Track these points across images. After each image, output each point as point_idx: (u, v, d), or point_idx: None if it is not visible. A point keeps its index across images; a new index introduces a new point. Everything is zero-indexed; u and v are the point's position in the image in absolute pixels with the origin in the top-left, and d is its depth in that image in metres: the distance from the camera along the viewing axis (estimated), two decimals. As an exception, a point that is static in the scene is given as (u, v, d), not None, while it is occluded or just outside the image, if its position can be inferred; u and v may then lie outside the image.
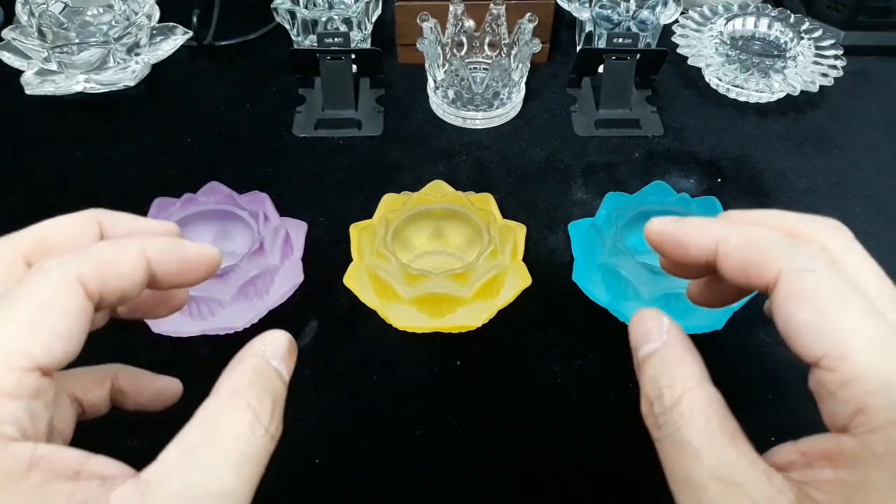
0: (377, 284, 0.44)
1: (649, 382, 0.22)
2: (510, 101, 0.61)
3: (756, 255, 0.22)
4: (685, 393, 0.21)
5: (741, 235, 0.23)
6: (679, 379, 0.22)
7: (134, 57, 0.63)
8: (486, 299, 0.44)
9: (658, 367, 0.22)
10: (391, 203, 0.48)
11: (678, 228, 0.24)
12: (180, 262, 0.23)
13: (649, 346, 0.23)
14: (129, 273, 0.22)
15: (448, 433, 0.41)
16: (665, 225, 0.25)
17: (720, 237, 0.23)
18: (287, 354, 0.23)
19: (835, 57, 0.63)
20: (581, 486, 0.40)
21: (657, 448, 0.22)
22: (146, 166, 0.57)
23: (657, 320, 0.24)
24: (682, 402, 0.21)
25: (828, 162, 0.59)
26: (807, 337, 0.20)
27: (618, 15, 0.65)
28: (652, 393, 0.22)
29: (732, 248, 0.23)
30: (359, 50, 0.61)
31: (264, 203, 0.48)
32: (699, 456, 0.20)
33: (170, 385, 0.28)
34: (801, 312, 0.21)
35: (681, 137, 0.61)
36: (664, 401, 0.21)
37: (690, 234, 0.24)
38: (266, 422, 0.21)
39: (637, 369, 0.24)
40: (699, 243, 0.24)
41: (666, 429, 0.21)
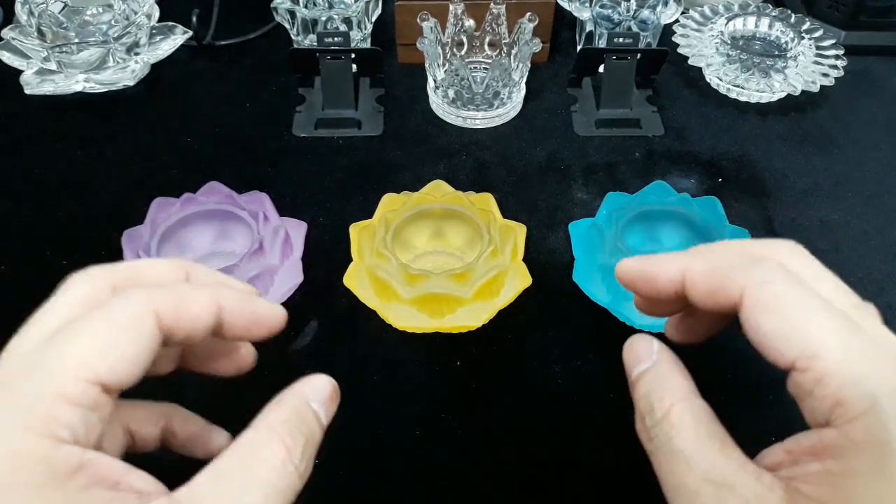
0: (377, 284, 0.44)
1: (642, 399, 0.24)
2: (510, 101, 0.61)
3: (720, 277, 0.23)
4: (674, 405, 0.23)
5: (704, 261, 0.24)
6: (668, 393, 0.23)
7: (133, 56, 0.63)
8: (486, 299, 0.44)
9: (649, 384, 0.24)
10: (391, 203, 0.48)
11: (646, 265, 0.26)
12: (249, 314, 0.24)
13: (641, 366, 0.25)
14: (199, 314, 0.23)
15: (448, 433, 0.41)
16: (633, 263, 0.27)
17: (685, 267, 0.25)
18: (328, 399, 0.24)
19: (835, 57, 0.63)
20: (581, 486, 0.40)
21: (651, 460, 0.23)
22: (146, 166, 0.57)
23: (647, 343, 0.25)
24: (672, 414, 0.23)
25: (828, 162, 0.59)
26: (777, 343, 0.22)
27: (618, 14, 0.65)
28: (644, 408, 0.24)
29: (697, 275, 0.24)
30: (359, 49, 0.61)
31: (264, 203, 0.48)
32: (690, 462, 0.22)
33: (218, 437, 0.28)
34: (768, 322, 0.22)
35: (681, 137, 0.61)
36: (655, 414, 0.23)
37: (658, 268, 0.26)
38: (297, 460, 0.22)
39: (631, 389, 0.25)
40: (667, 275, 0.25)
41: (658, 440, 0.23)
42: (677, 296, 0.25)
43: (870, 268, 0.50)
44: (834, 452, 0.20)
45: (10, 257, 0.50)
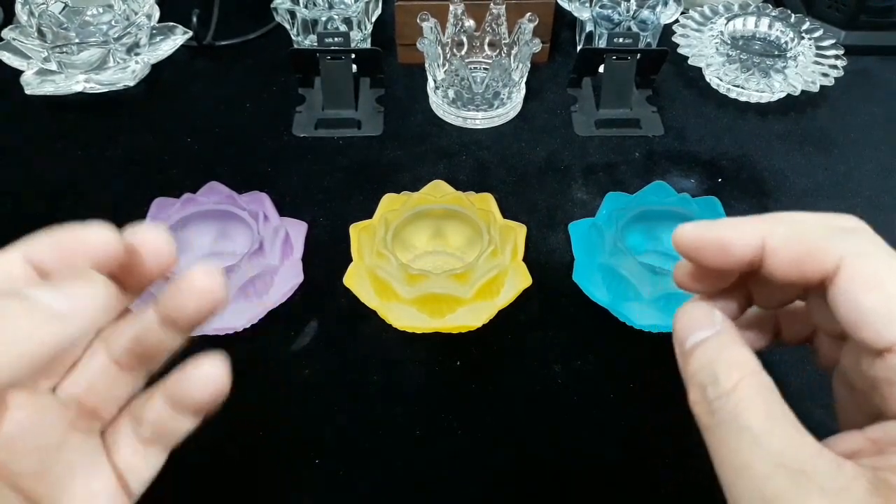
0: (377, 284, 0.44)
1: (703, 368, 0.21)
2: (510, 101, 0.61)
3: (810, 244, 0.21)
4: (744, 378, 0.20)
5: (788, 227, 0.22)
6: (737, 364, 0.21)
7: (134, 57, 0.63)
8: (486, 299, 0.44)
9: (713, 351, 0.21)
10: (391, 203, 0.48)
11: (716, 229, 0.22)
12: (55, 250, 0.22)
13: (701, 334, 0.22)
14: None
15: (448, 433, 0.41)
16: (699, 228, 0.23)
17: (765, 232, 0.22)
18: None
19: (835, 57, 0.63)
20: (581, 486, 0.40)
21: (707, 437, 0.21)
22: (146, 166, 0.57)
23: (708, 311, 0.23)
24: (741, 387, 0.20)
25: (828, 162, 0.59)
26: (879, 322, 0.19)
27: (618, 15, 0.65)
28: (706, 378, 0.21)
29: (782, 240, 0.21)
30: (359, 50, 0.61)
31: (264, 203, 0.48)
32: (762, 443, 0.19)
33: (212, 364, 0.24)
34: (870, 298, 0.20)
35: (681, 137, 0.61)
36: (720, 384, 0.20)
37: (731, 233, 0.22)
38: None
39: (682, 359, 0.22)
40: (743, 241, 0.22)
41: (721, 414, 0.20)
42: (750, 265, 0.22)
43: (870, 268, 0.50)
44: None
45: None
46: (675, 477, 0.40)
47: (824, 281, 0.21)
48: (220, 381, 0.23)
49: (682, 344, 0.23)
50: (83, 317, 0.19)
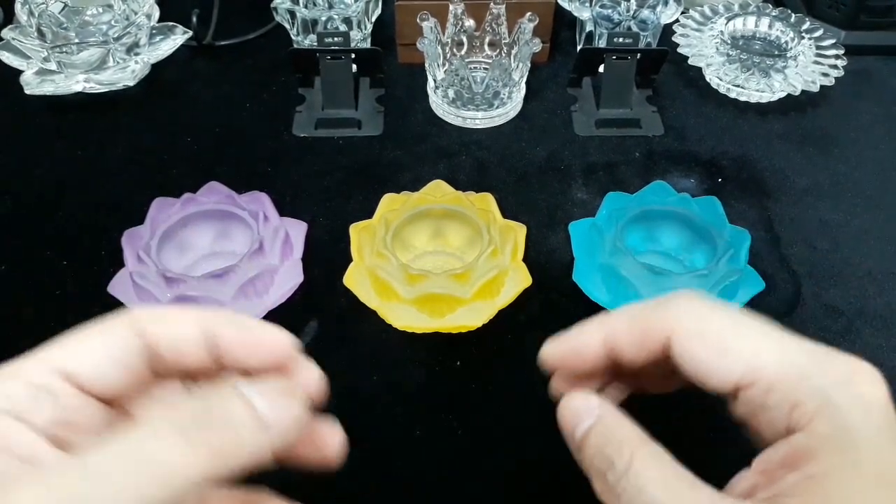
0: (377, 284, 0.44)
1: (596, 456, 0.23)
2: (510, 101, 0.61)
3: (643, 323, 0.23)
4: (634, 453, 0.22)
5: (623, 316, 0.24)
6: (624, 442, 0.22)
7: (133, 57, 0.63)
8: (486, 299, 0.44)
9: (600, 437, 0.23)
10: (391, 203, 0.48)
11: (567, 342, 0.26)
12: (243, 332, 0.23)
13: (585, 424, 0.24)
14: (180, 326, 0.22)
15: (448, 433, 0.41)
16: (554, 346, 0.26)
17: (607, 328, 0.25)
18: (281, 389, 0.22)
19: (835, 56, 0.63)
20: (581, 486, 0.39)
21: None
22: (146, 166, 0.57)
23: (585, 399, 0.24)
24: (635, 463, 0.21)
25: (828, 161, 0.59)
26: (718, 368, 0.22)
27: (618, 14, 0.65)
28: (602, 464, 0.22)
29: (621, 331, 0.24)
30: (359, 49, 0.61)
31: (264, 203, 0.48)
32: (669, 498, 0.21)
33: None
34: (703, 350, 0.22)
35: (681, 137, 0.61)
36: (617, 468, 0.22)
37: (579, 340, 0.25)
38: (197, 458, 0.19)
39: (577, 453, 0.24)
40: (592, 343, 0.25)
41: (627, 494, 0.21)
42: (609, 359, 0.25)
43: (870, 268, 0.50)
44: (808, 454, 0.20)
45: (10, 257, 0.50)
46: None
47: (664, 351, 0.23)
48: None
49: (572, 437, 0.24)
50: (289, 430, 0.20)
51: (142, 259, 0.43)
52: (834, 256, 0.51)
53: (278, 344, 0.24)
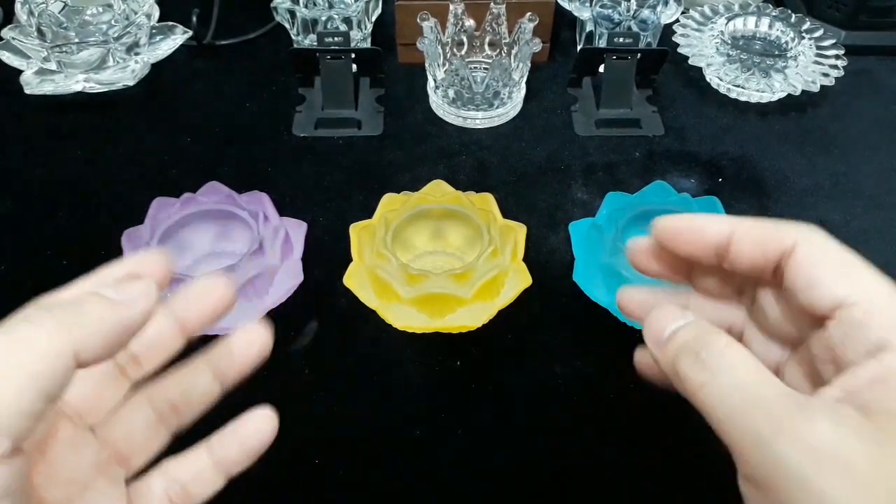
0: (377, 284, 0.44)
1: (689, 342, 0.24)
2: (510, 101, 0.61)
3: (769, 230, 0.24)
4: (731, 342, 0.23)
5: (752, 220, 0.25)
6: (721, 334, 0.23)
7: (133, 56, 0.63)
8: (487, 299, 0.44)
9: (696, 330, 0.24)
10: (391, 203, 0.48)
11: (693, 217, 0.26)
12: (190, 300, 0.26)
13: (677, 323, 0.25)
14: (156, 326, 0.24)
15: (448, 433, 0.41)
16: (679, 217, 0.27)
17: (733, 222, 0.25)
18: (126, 277, 0.23)
19: (836, 57, 0.63)
20: (581, 486, 0.40)
21: (699, 395, 0.22)
22: (146, 166, 0.57)
23: (678, 309, 0.25)
24: (733, 346, 0.23)
25: (829, 162, 0.59)
26: (831, 281, 0.23)
27: (618, 14, 0.65)
28: (697, 345, 0.23)
29: (746, 227, 0.25)
30: (359, 49, 0.61)
31: (264, 203, 0.48)
32: (763, 379, 0.22)
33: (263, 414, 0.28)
34: (822, 264, 0.23)
35: (681, 137, 0.61)
36: (713, 347, 0.23)
37: (705, 220, 0.26)
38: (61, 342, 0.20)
39: (660, 347, 0.25)
40: (716, 226, 0.25)
41: (720, 366, 0.22)
42: (716, 254, 0.26)
43: (870, 268, 0.50)
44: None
45: (10, 257, 0.50)
46: (675, 477, 0.40)
47: (779, 264, 0.24)
48: (270, 432, 0.26)
49: (658, 335, 0.25)
50: (142, 305, 0.22)
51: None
52: (834, 256, 0.51)
53: (217, 286, 0.26)
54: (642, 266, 0.29)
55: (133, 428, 0.25)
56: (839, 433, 0.20)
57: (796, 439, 0.20)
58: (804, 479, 0.19)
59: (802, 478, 0.19)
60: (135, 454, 0.25)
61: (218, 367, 0.26)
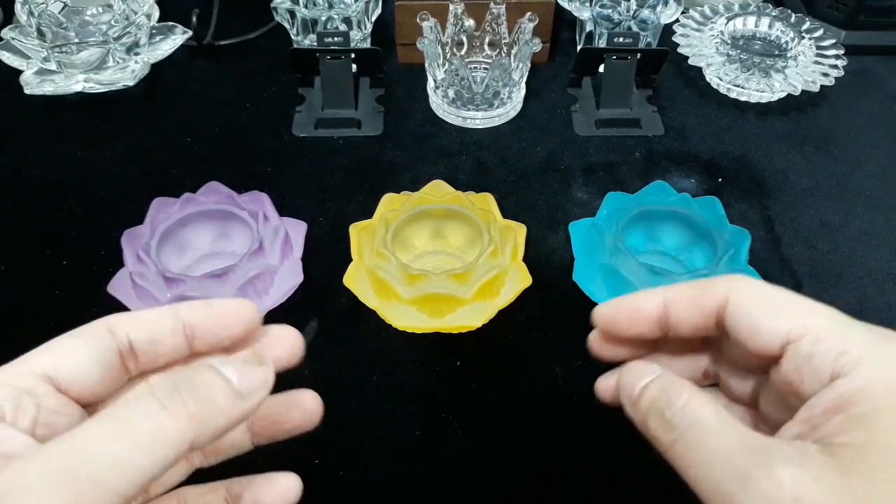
0: (377, 284, 0.44)
1: (655, 399, 0.24)
2: (510, 101, 0.61)
3: (701, 289, 0.25)
4: (692, 394, 0.23)
5: (682, 284, 0.26)
6: (684, 387, 0.24)
7: (133, 56, 0.63)
8: (487, 299, 0.44)
9: (661, 385, 0.24)
10: (391, 203, 0.48)
11: (626, 298, 0.27)
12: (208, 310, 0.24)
13: (647, 379, 0.25)
14: (153, 317, 0.24)
15: (448, 433, 0.41)
16: (611, 303, 0.27)
17: (664, 290, 0.26)
18: (248, 357, 0.23)
19: (836, 56, 0.63)
20: (581, 486, 0.40)
21: (671, 453, 0.23)
22: (146, 166, 0.57)
23: (647, 364, 0.26)
24: (694, 399, 0.23)
25: (829, 161, 0.59)
26: (771, 323, 0.23)
27: (618, 14, 0.65)
28: (661, 403, 0.24)
29: (679, 293, 0.26)
30: (359, 49, 0.61)
31: (264, 203, 0.48)
32: (725, 432, 0.22)
33: (288, 483, 0.26)
34: (758, 307, 0.24)
35: (681, 137, 0.61)
36: (675, 404, 0.23)
37: (637, 298, 0.26)
38: (175, 418, 0.20)
39: (632, 405, 0.25)
40: (651, 301, 0.26)
41: (684, 424, 0.22)
42: (659, 326, 0.26)
43: (870, 268, 0.50)
44: (853, 397, 0.21)
45: (10, 257, 0.50)
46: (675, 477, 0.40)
47: (719, 315, 0.24)
48: (295, 498, 0.25)
49: (630, 392, 0.25)
50: (257, 398, 0.22)
51: (141, 259, 0.43)
52: (834, 257, 0.51)
53: (241, 312, 0.24)
54: (605, 355, 0.29)
55: None
56: (800, 478, 0.20)
57: (760, 494, 0.20)
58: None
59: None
60: (153, 487, 0.26)
61: (258, 423, 0.27)
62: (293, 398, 0.27)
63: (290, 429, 0.27)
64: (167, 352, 0.24)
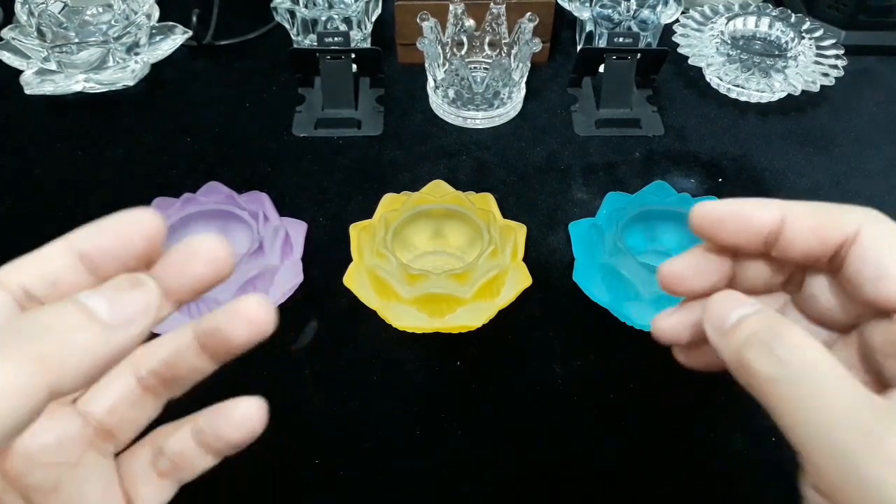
0: (377, 284, 0.44)
1: (760, 332, 0.21)
2: (510, 101, 0.61)
3: (830, 212, 0.22)
4: (807, 337, 0.21)
5: (805, 204, 0.23)
6: (797, 328, 0.21)
7: (133, 56, 0.63)
8: (487, 299, 0.44)
9: (766, 319, 0.21)
10: (391, 203, 0.48)
11: (738, 203, 0.23)
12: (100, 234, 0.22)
13: (744, 310, 0.22)
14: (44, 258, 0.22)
15: (448, 433, 0.41)
16: (721, 203, 0.23)
17: (784, 206, 0.23)
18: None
19: (836, 56, 0.63)
20: (581, 486, 0.40)
21: (770, 393, 0.20)
22: (146, 166, 0.57)
23: (745, 296, 0.23)
24: (808, 342, 0.20)
25: (829, 161, 0.59)
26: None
27: (618, 14, 0.65)
28: (768, 336, 0.21)
29: (802, 213, 0.22)
30: (359, 49, 0.61)
31: (264, 203, 0.48)
32: (845, 384, 0.19)
33: (246, 409, 0.24)
34: (893, 254, 0.21)
35: (681, 137, 0.61)
36: (786, 339, 0.20)
37: (753, 204, 0.23)
38: None
39: (722, 336, 0.22)
40: (766, 211, 0.23)
41: (795, 363, 0.20)
42: (766, 243, 0.23)
43: (870, 268, 0.50)
44: None
45: (11, 257, 0.49)
46: (675, 477, 0.40)
47: (838, 251, 0.22)
48: (258, 423, 0.23)
49: (721, 322, 0.22)
50: (136, 328, 0.19)
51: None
52: (834, 256, 0.51)
53: (137, 226, 0.21)
54: (676, 286, 0.25)
55: (116, 399, 0.23)
56: None
57: (887, 459, 0.18)
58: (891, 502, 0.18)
59: (890, 500, 0.18)
60: (121, 428, 0.24)
61: (210, 334, 0.23)
62: (235, 305, 0.23)
63: (239, 343, 0.23)
64: (71, 288, 0.21)
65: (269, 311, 0.23)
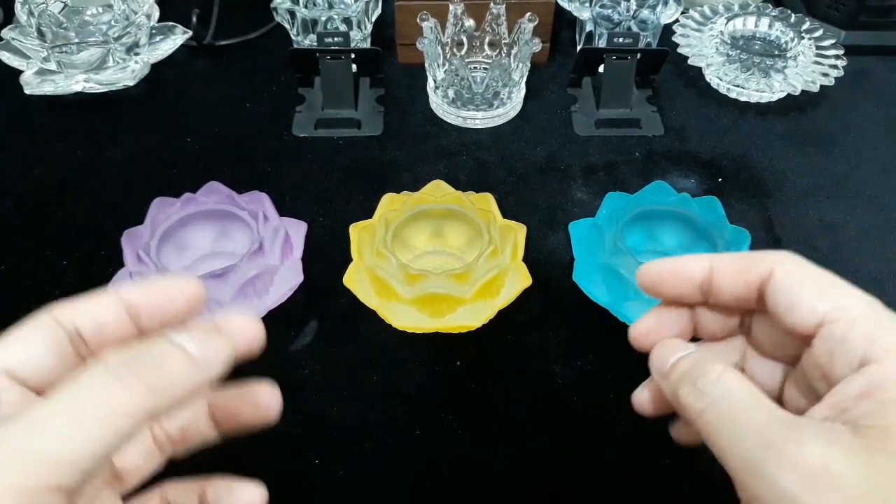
0: (377, 284, 0.44)
1: (689, 370, 0.24)
2: (510, 101, 0.61)
3: (748, 260, 0.25)
4: (726, 369, 0.23)
5: (731, 254, 0.26)
6: (718, 363, 0.24)
7: (133, 56, 0.63)
8: (487, 299, 0.44)
9: (695, 359, 0.25)
10: (391, 203, 0.48)
11: (673, 260, 0.27)
12: (152, 288, 0.24)
13: (681, 353, 0.25)
14: (97, 302, 0.23)
15: (448, 433, 0.41)
16: (657, 263, 0.27)
17: (712, 257, 0.26)
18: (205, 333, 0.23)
19: (835, 56, 0.63)
20: (581, 486, 0.40)
21: (700, 420, 0.23)
22: (146, 166, 0.57)
23: (681, 342, 0.27)
24: (729, 372, 0.23)
25: (829, 162, 0.59)
26: (810, 300, 0.23)
27: (618, 14, 0.65)
28: (695, 374, 0.24)
29: (726, 261, 0.26)
30: (359, 49, 0.61)
31: (264, 203, 0.48)
32: (757, 404, 0.22)
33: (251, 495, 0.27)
34: (799, 284, 0.24)
35: (681, 137, 0.61)
36: (709, 375, 0.23)
37: (685, 261, 0.27)
38: (134, 398, 0.20)
39: (663, 377, 0.25)
40: (696, 266, 0.26)
41: (715, 394, 0.23)
42: (701, 290, 0.26)
43: (870, 268, 0.50)
44: (882, 384, 0.21)
45: (10, 257, 0.50)
46: (675, 477, 0.40)
47: (762, 287, 0.25)
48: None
49: (662, 364, 0.26)
50: (217, 367, 0.22)
51: (141, 259, 0.43)
52: (834, 257, 0.51)
53: (183, 289, 0.24)
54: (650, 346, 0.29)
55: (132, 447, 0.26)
56: (830, 453, 0.20)
57: (789, 464, 0.20)
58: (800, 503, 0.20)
59: (799, 502, 0.20)
60: (130, 474, 0.26)
61: (223, 412, 0.26)
62: (245, 391, 0.26)
63: (244, 422, 0.26)
64: (114, 333, 0.24)
65: (276, 398, 0.26)
